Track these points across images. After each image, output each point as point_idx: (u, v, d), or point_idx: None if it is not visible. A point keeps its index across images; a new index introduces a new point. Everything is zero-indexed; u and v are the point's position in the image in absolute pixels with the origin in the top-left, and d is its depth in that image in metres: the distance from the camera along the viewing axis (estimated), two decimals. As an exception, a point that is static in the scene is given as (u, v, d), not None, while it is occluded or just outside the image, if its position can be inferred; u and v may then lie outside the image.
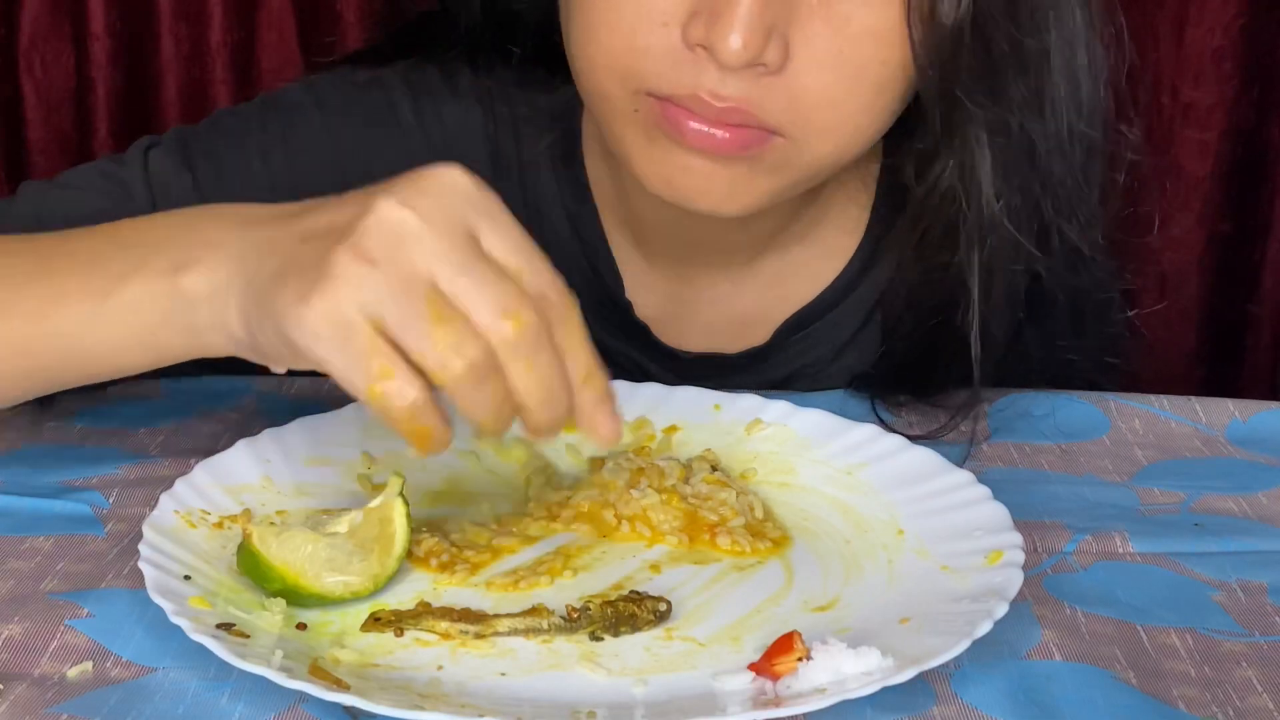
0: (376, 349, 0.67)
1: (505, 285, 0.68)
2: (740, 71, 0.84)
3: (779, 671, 0.69)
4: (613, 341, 1.05)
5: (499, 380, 0.68)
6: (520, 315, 0.68)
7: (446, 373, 0.67)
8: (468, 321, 0.67)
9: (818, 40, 0.85)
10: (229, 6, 1.69)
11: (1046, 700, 0.70)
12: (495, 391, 0.68)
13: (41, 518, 0.84)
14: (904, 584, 0.79)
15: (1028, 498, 0.88)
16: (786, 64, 0.85)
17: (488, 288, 0.67)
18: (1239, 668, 0.74)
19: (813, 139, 0.87)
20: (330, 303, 0.67)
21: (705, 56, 0.84)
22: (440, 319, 0.67)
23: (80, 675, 0.70)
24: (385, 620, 0.73)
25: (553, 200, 1.04)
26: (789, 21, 0.84)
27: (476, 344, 0.67)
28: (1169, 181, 1.69)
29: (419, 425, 0.68)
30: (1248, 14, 1.65)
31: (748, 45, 0.82)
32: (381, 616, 0.73)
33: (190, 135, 1.02)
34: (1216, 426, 1.01)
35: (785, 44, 0.84)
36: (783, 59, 0.84)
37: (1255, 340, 1.75)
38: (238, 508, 0.82)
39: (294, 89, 1.04)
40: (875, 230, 1.04)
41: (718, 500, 0.84)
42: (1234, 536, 0.86)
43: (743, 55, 0.82)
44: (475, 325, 0.67)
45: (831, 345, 1.05)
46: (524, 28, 0.99)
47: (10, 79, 1.70)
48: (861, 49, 0.85)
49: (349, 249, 0.67)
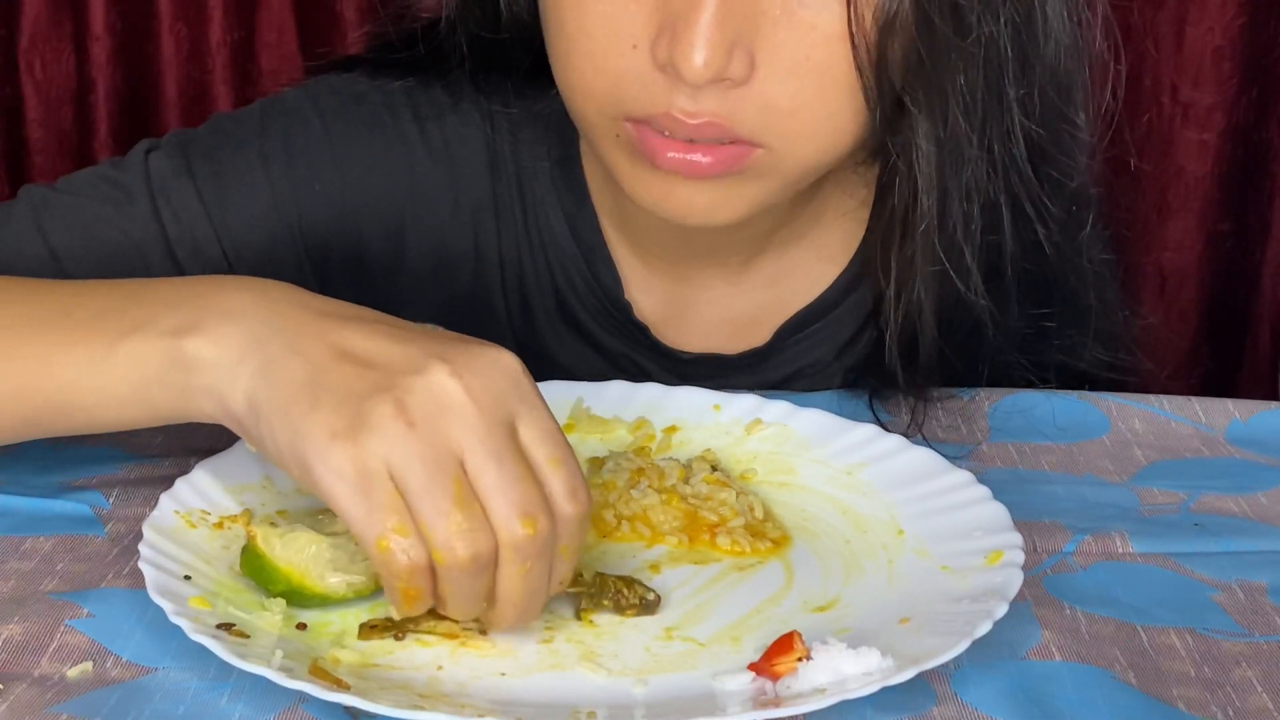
0: (395, 507, 0.67)
1: (530, 487, 0.69)
2: (708, 88, 0.84)
3: (779, 671, 0.69)
4: (613, 342, 1.05)
5: (490, 576, 0.69)
6: (538, 522, 0.68)
7: (449, 555, 0.68)
8: (484, 513, 0.68)
9: (783, 49, 0.85)
10: (229, 6, 1.69)
11: (1046, 700, 0.70)
12: (483, 586, 0.69)
13: (41, 518, 0.84)
14: (904, 584, 0.79)
15: (1028, 498, 0.88)
16: (753, 75, 0.85)
17: (514, 485, 0.68)
18: (1239, 668, 0.74)
19: (791, 146, 0.87)
20: (362, 450, 0.67)
21: (674, 75, 0.84)
22: (461, 502, 0.68)
23: (80, 675, 0.70)
24: (382, 627, 0.73)
25: (551, 203, 1.04)
26: (752, 33, 0.84)
27: (487, 537, 0.68)
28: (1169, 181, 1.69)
29: (413, 586, 0.69)
30: (1248, 14, 1.65)
31: (708, 62, 0.82)
32: (377, 625, 0.73)
33: (190, 139, 1.02)
34: (1216, 426, 1.01)
35: (750, 56, 0.84)
36: (748, 71, 0.84)
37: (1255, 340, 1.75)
38: (238, 508, 0.82)
39: (294, 94, 1.04)
40: (873, 230, 1.04)
41: (718, 500, 0.84)
42: (1234, 536, 0.86)
43: (705, 72, 0.82)
44: (491, 518, 0.68)
45: (832, 346, 1.05)
46: (522, 41, 0.99)
47: (10, 79, 1.71)
48: (828, 53, 0.85)
49: (392, 404, 0.68)
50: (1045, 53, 0.91)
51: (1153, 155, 1.69)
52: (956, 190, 0.92)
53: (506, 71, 1.01)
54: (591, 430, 0.93)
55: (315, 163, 1.00)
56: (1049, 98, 0.92)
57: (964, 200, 0.92)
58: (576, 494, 0.70)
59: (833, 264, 1.05)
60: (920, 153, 0.90)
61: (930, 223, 0.92)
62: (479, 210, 1.03)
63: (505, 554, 0.68)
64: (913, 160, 0.91)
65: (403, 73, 1.03)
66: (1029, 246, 0.96)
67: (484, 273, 1.05)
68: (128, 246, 0.97)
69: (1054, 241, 0.97)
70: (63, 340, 0.76)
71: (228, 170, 1.00)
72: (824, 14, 0.84)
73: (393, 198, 1.02)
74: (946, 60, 0.87)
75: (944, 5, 0.85)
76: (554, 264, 1.05)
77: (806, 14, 0.84)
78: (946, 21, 0.85)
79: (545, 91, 0.95)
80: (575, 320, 1.05)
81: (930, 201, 0.91)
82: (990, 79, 0.89)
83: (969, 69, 0.88)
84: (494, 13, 0.99)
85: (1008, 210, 0.94)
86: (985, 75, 0.89)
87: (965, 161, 0.91)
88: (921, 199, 0.92)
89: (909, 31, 0.85)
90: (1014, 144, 0.92)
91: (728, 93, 0.85)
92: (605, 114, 0.88)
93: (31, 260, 0.96)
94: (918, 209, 0.92)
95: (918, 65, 0.87)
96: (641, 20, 0.85)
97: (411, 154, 1.02)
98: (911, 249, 0.94)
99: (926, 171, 0.91)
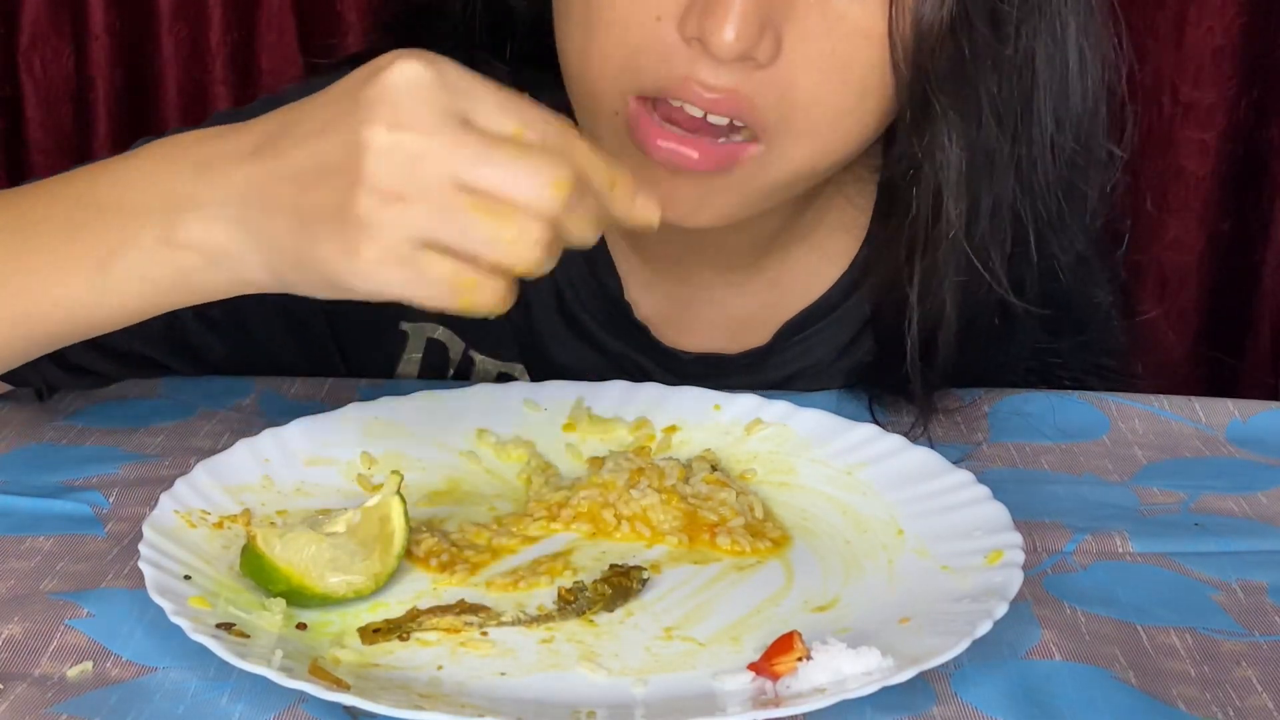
0: (449, 269, 0.68)
1: (529, 157, 0.69)
2: (732, 64, 0.84)
3: (779, 671, 0.69)
4: (613, 342, 1.05)
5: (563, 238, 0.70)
6: (558, 179, 0.69)
7: (525, 265, 0.69)
8: (515, 206, 0.68)
9: (810, 37, 0.85)
10: (229, 6, 1.69)
11: (1046, 700, 0.70)
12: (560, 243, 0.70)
13: (41, 518, 0.84)
14: (904, 584, 0.79)
15: (1028, 498, 0.88)
16: (778, 59, 0.85)
17: (515, 166, 0.68)
18: (1239, 668, 0.74)
19: (789, 143, 0.87)
20: (381, 248, 0.68)
21: (699, 49, 0.84)
22: (492, 213, 0.68)
23: (80, 675, 0.70)
24: (386, 630, 0.73)
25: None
26: (784, 17, 0.84)
27: (538, 224, 0.69)
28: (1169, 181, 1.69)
29: (510, 297, 0.70)
30: (1248, 14, 1.65)
31: (740, 37, 0.82)
32: (381, 628, 0.73)
33: (188, 135, 1.02)
34: (1216, 426, 1.01)
35: (778, 39, 0.84)
36: (774, 53, 0.84)
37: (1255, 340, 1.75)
38: (238, 508, 0.82)
39: (294, 91, 1.03)
40: (875, 233, 1.04)
41: (717, 500, 0.84)
42: (1234, 536, 0.86)
43: (735, 47, 0.82)
44: (524, 206, 0.68)
45: (832, 347, 1.05)
46: (519, 25, 0.99)
47: (10, 79, 1.71)
48: (851, 49, 0.85)
49: (369, 193, 0.68)
50: (1072, 75, 0.91)
51: (1153, 155, 1.69)
52: (985, 200, 0.92)
53: (504, 64, 1.01)
54: (591, 430, 0.93)
55: None
56: (1078, 118, 0.93)
57: (991, 211, 0.92)
58: (552, 122, 0.70)
59: (834, 266, 1.05)
60: (948, 159, 0.90)
61: (958, 231, 0.92)
62: None
63: (560, 219, 0.69)
64: (938, 166, 0.91)
65: None
66: (1046, 269, 0.97)
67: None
68: None
69: (1069, 266, 0.97)
70: (49, 264, 0.77)
71: None
72: (855, 7, 0.84)
73: None
74: (984, 66, 0.88)
75: (985, 9, 0.86)
76: (554, 262, 1.04)
77: (838, 5, 0.84)
78: (986, 26, 0.86)
79: (543, 88, 0.95)
80: (576, 320, 1.05)
81: (959, 210, 0.91)
82: (1023, 90, 0.90)
83: (1004, 77, 0.88)
84: None
85: (1032, 228, 0.94)
86: (1019, 86, 0.89)
87: (995, 171, 0.91)
88: (948, 207, 0.92)
89: (946, 34, 0.86)
90: (1041, 160, 0.92)
91: (750, 73, 0.85)
92: (614, 88, 0.88)
93: None
94: (943, 217, 0.92)
95: (954, 68, 0.87)
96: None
97: None
98: (934, 257, 0.94)
99: (955, 180, 0.91)
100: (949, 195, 0.91)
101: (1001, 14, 0.87)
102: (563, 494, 0.85)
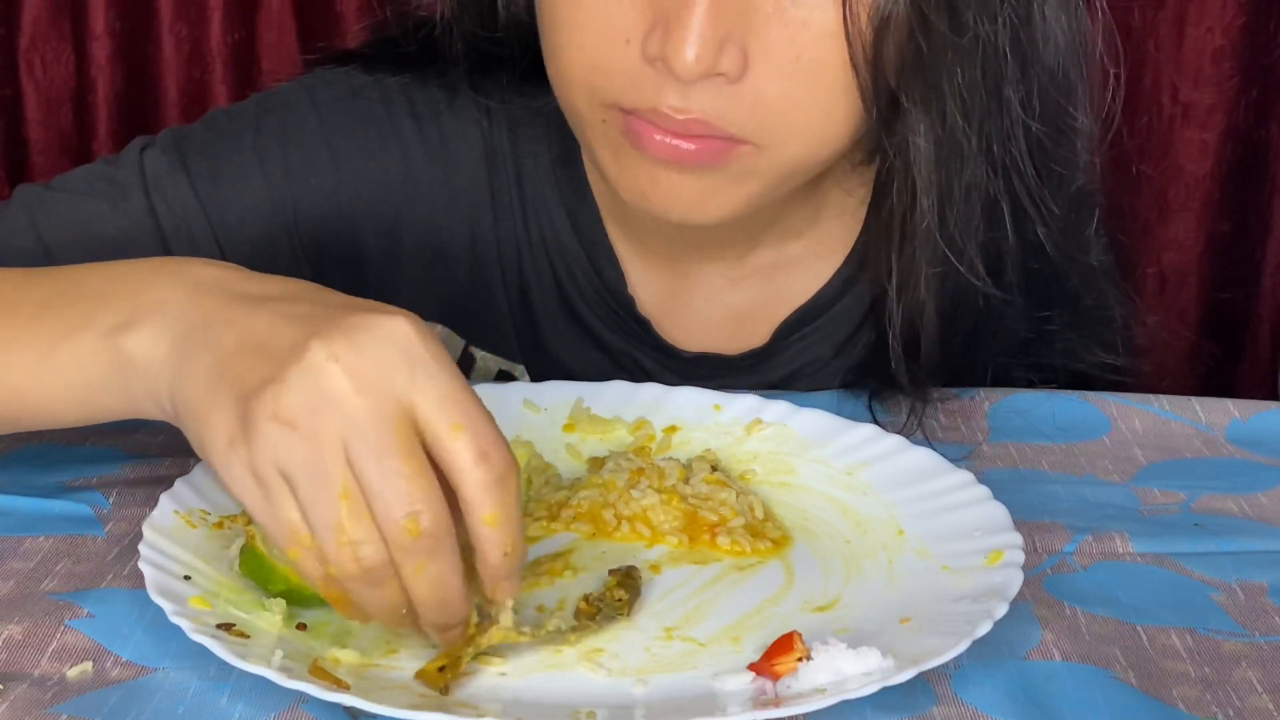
0: (295, 518, 0.66)
1: (410, 481, 0.65)
2: (700, 84, 0.84)
3: (779, 671, 0.69)
4: (614, 338, 1.05)
5: (394, 583, 0.67)
6: (421, 518, 0.65)
7: (341, 570, 0.66)
8: (371, 519, 0.65)
9: (775, 46, 0.84)
10: (229, 6, 1.69)
11: (1046, 701, 0.70)
12: (389, 594, 0.67)
13: (41, 518, 0.84)
14: (904, 584, 0.79)
15: (1028, 498, 0.88)
16: (746, 72, 0.84)
17: (392, 484, 0.65)
18: (1239, 668, 0.74)
19: (779, 144, 0.87)
20: (254, 457, 0.66)
21: (665, 70, 0.84)
22: (349, 511, 0.65)
23: (80, 675, 0.70)
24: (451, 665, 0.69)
25: (552, 199, 1.04)
26: (745, 30, 0.84)
27: (375, 548, 0.65)
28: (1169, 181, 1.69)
29: (330, 593, 0.68)
30: (1248, 14, 1.65)
31: (700, 57, 0.82)
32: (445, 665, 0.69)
33: (185, 135, 1.02)
34: (1216, 426, 1.01)
35: (743, 52, 0.84)
36: (741, 68, 0.84)
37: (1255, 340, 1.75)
38: (238, 508, 0.82)
39: (289, 88, 1.04)
40: (870, 223, 1.04)
41: (718, 500, 0.84)
42: (1234, 536, 0.86)
43: (696, 68, 0.82)
44: (377, 523, 0.65)
45: (830, 344, 1.05)
46: (520, 40, 0.99)
47: (10, 79, 1.71)
48: (820, 51, 0.85)
49: (269, 404, 0.65)
50: (1044, 54, 0.91)
51: (1153, 155, 1.69)
52: (956, 189, 0.91)
53: (504, 69, 1.01)
54: (591, 430, 0.93)
55: (310, 157, 1.00)
56: (1049, 97, 0.92)
57: (964, 199, 0.92)
58: (486, 456, 0.66)
59: (830, 260, 1.05)
60: (918, 152, 0.90)
61: (930, 222, 0.92)
62: (476, 206, 1.04)
63: (396, 558, 0.66)
64: (910, 159, 0.91)
65: (399, 68, 1.03)
66: (1030, 246, 0.96)
67: (482, 268, 1.05)
68: (122, 242, 0.97)
69: (1055, 241, 0.97)
70: (5, 339, 0.75)
71: (223, 166, 1.00)
72: (816, 11, 0.84)
73: (388, 193, 1.02)
74: (943, 58, 0.87)
75: (940, 3, 0.85)
76: (555, 260, 1.05)
77: (799, 11, 0.84)
78: (942, 19, 0.85)
79: (544, 89, 0.95)
80: (577, 316, 1.05)
81: (930, 201, 0.91)
82: (988, 78, 0.89)
83: (966, 67, 0.88)
84: (491, 13, 0.99)
85: (1008, 209, 0.94)
86: (983, 74, 0.89)
87: (965, 160, 0.91)
88: (920, 199, 0.91)
89: (904, 29, 0.85)
90: (1013, 143, 0.92)
91: (720, 90, 0.85)
92: (593, 102, 0.88)
93: (25, 257, 0.96)
94: (917, 209, 0.92)
95: (914, 63, 0.87)
96: (634, 16, 0.85)
97: (407, 149, 1.02)
98: (911, 249, 0.94)
99: (925, 171, 0.91)
100: (921, 187, 0.91)
101: (956, 6, 0.86)
102: (563, 494, 0.85)
